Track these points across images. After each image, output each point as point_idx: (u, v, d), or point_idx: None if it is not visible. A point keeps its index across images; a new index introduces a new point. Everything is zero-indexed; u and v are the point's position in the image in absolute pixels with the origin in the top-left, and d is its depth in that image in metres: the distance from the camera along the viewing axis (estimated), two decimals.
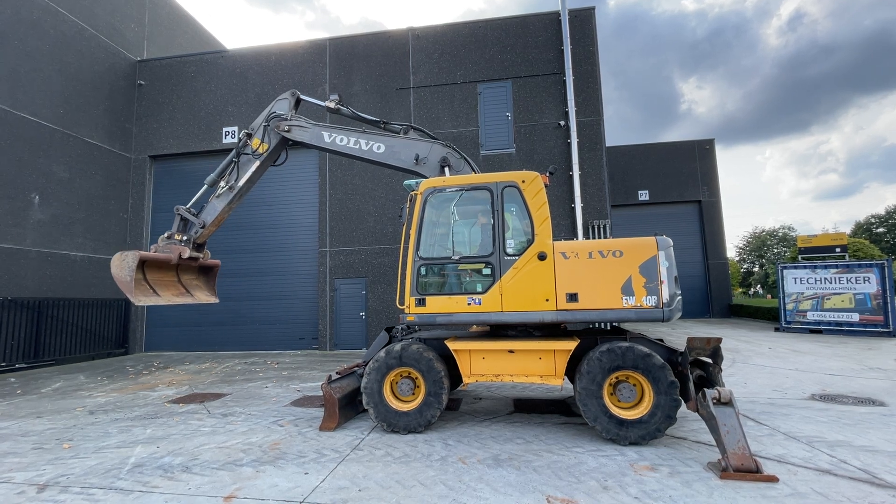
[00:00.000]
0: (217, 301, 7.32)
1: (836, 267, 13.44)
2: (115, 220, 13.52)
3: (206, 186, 6.71)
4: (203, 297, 7.12)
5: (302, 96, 6.65)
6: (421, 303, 5.04)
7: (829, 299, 13.35)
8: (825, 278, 13.49)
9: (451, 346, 4.99)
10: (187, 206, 6.64)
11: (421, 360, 4.94)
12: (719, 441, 3.82)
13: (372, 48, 13.46)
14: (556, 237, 5.07)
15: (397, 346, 5.05)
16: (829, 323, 13.26)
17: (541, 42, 12.70)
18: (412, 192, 5.50)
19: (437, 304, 5.01)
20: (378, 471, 3.95)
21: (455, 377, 5.27)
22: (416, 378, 5.01)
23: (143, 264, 6.05)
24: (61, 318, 11.44)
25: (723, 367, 4.67)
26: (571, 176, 11.93)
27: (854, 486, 3.47)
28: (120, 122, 13.85)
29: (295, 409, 6.22)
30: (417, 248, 5.14)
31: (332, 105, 6.47)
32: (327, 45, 13.65)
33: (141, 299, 5.96)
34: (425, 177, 5.88)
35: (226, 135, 13.76)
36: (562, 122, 12.24)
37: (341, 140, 6.27)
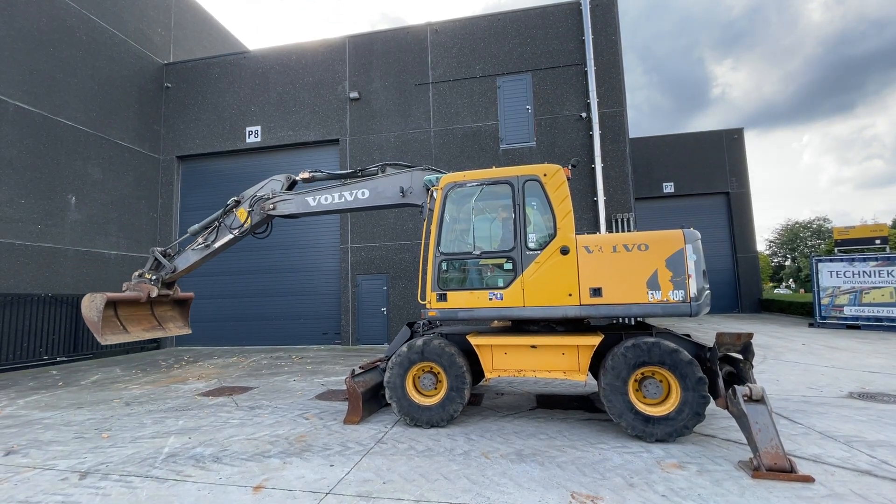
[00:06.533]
0: (190, 332, 7.60)
1: (876, 259, 12.82)
2: (145, 220, 14.00)
3: (188, 234, 7.04)
4: (175, 329, 7.36)
5: (296, 177, 6.80)
6: (442, 298, 5.04)
7: (868, 293, 12.76)
8: (864, 271, 12.89)
9: (473, 341, 4.98)
10: (164, 248, 7.05)
11: (443, 354, 4.96)
12: (751, 439, 3.70)
13: (390, 44, 13.49)
14: (578, 231, 4.99)
15: (419, 341, 5.07)
16: (867, 318, 12.69)
17: (561, 33, 12.47)
18: (432, 188, 5.50)
19: (459, 300, 5.01)
20: (402, 464, 3.99)
21: (477, 372, 5.27)
22: (439, 373, 5.03)
23: (116, 303, 6.40)
24: None
25: (754, 363, 4.52)
26: (594, 169, 11.71)
27: None
28: (149, 124, 14.30)
29: (320, 402, 6.34)
30: (438, 244, 5.14)
31: (306, 175, 6.69)
32: (346, 43, 13.74)
33: (108, 338, 6.23)
34: (417, 206, 5.93)
35: (249, 134, 14.05)
36: (583, 114, 12.01)
37: (326, 199, 6.38)
